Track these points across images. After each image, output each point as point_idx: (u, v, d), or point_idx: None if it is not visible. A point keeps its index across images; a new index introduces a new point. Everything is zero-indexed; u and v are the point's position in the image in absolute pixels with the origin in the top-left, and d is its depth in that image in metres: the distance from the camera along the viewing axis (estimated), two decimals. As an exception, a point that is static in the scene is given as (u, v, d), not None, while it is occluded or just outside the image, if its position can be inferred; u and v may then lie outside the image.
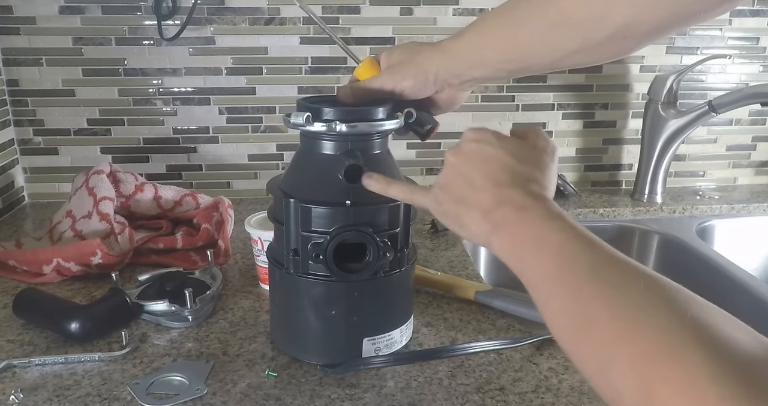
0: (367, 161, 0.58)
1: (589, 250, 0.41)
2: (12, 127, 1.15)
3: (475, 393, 0.61)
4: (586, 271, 0.40)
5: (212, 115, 1.18)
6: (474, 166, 0.49)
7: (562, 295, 0.40)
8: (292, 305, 0.64)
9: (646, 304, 0.36)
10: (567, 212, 0.60)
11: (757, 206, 1.21)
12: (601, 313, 0.37)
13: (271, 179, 0.65)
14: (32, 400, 0.59)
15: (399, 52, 0.63)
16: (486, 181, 0.48)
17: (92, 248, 0.82)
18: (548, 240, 0.43)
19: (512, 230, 0.45)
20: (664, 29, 0.51)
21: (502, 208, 0.46)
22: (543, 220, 0.44)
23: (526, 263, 0.43)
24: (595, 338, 0.36)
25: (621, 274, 0.39)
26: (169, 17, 1.10)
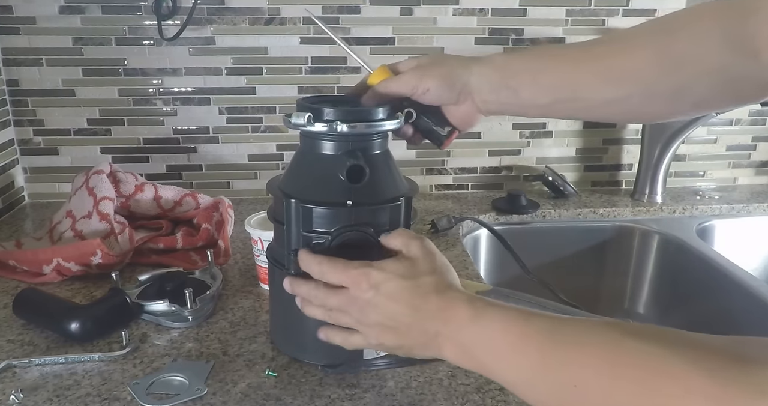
0: (367, 161, 0.58)
1: (530, 323, 0.43)
2: (12, 127, 1.15)
3: (475, 393, 0.61)
4: (542, 345, 0.42)
5: (212, 115, 1.18)
6: (382, 310, 0.50)
7: (538, 378, 0.41)
8: (292, 305, 0.63)
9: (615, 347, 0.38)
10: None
11: (757, 206, 1.21)
12: (580, 375, 0.38)
13: (270, 179, 0.65)
14: (32, 400, 0.59)
15: (429, 57, 0.63)
16: (404, 315, 0.49)
17: (92, 248, 0.82)
18: (490, 337, 0.45)
19: (454, 344, 0.47)
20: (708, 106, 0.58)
21: (436, 330, 0.48)
22: (473, 321, 0.46)
23: (485, 365, 0.45)
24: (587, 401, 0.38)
25: (572, 332, 0.41)
26: (169, 17, 1.10)
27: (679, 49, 0.53)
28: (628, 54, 0.56)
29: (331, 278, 0.53)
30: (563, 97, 0.58)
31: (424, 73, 0.60)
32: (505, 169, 1.27)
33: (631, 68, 0.55)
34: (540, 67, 0.59)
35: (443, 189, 1.27)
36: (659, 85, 0.54)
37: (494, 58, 0.61)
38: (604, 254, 1.17)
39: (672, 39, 0.53)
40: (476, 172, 1.27)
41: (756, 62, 0.49)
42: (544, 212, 1.16)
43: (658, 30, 0.55)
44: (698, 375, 0.33)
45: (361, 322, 0.52)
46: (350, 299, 0.51)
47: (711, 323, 0.99)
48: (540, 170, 1.26)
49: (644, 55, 0.54)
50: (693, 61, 0.52)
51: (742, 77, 0.51)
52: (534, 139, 1.25)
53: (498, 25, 1.17)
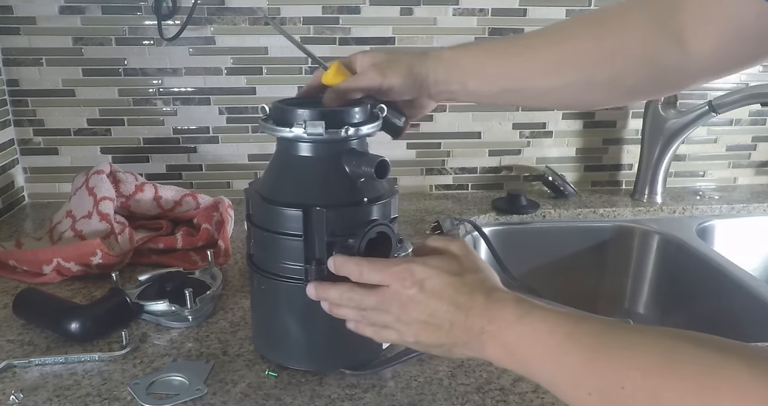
0: None
1: (579, 325, 0.43)
2: (12, 127, 1.15)
3: (475, 393, 0.61)
4: (590, 346, 0.41)
5: (212, 115, 1.18)
6: (425, 306, 0.49)
7: (583, 378, 0.40)
8: (275, 312, 0.62)
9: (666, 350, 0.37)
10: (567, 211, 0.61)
11: (757, 206, 1.21)
12: (629, 376, 0.38)
13: (249, 188, 0.62)
14: (32, 400, 0.59)
15: (383, 53, 0.63)
16: (448, 313, 0.48)
17: (92, 248, 0.82)
18: (536, 337, 0.44)
19: (498, 342, 0.46)
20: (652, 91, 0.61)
21: (481, 327, 0.47)
22: (520, 320, 0.45)
23: (529, 365, 0.45)
24: (634, 402, 0.37)
25: (622, 335, 0.41)
26: (169, 17, 1.10)
27: (612, 41, 0.56)
28: (565, 46, 0.59)
29: (372, 277, 0.51)
30: (508, 87, 0.62)
31: (386, 71, 0.61)
32: (505, 169, 1.27)
33: (568, 59, 0.59)
34: (486, 61, 0.62)
35: (443, 189, 1.27)
36: (595, 74, 0.58)
37: (444, 53, 0.63)
38: (604, 254, 1.17)
39: (605, 31, 0.57)
40: (476, 172, 1.27)
41: (684, 53, 0.53)
42: (544, 211, 1.16)
43: (592, 22, 0.59)
44: (752, 377, 0.33)
45: (401, 319, 0.50)
46: (391, 297, 0.50)
47: (711, 323, 0.99)
48: (540, 170, 1.26)
49: (581, 47, 0.58)
50: (625, 52, 0.56)
51: (672, 67, 0.54)
52: (534, 139, 1.25)
53: (498, 25, 1.17)
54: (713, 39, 0.51)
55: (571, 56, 0.59)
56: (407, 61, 0.62)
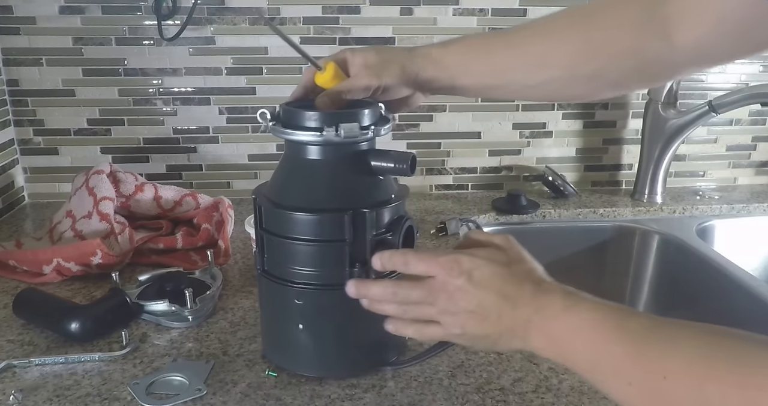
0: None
1: (627, 318, 0.43)
2: (12, 127, 1.15)
3: (475, 393, 0.61)
4: (636, 338, 0.41)
5: (212, 115, 1.18)
6: (473, 296, 0.49)
7: (625, 368, 0.41)
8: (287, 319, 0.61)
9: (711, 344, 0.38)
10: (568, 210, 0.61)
11: (757, 206, 1.21)
12: (672, 367, 0.38)
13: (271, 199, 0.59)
14: (32, 400, 0.59)
15: (374, 53, 0.62)
16: (495, 303, 0.48)
17: (92, 248, 0.82)
18: (583, 327, 0.44)
19: (543, 332, 0.46)
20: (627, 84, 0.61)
21: (528, 317, 0.47)
22: (567, 310, 0.45)
23: (572, 354, 0.45)
24: (674, 391, 0.38)
25: (668, 328, 0.41)
26: (169, 17, 1.10)
27: (598, 35, 0.57)
28: (549, 40, 0.60)
29: (418, 268, 0.51)
30: (493, 83, 0.63)
31: (380, 72, 0.61)
32: (505, 169, 1.27)
33: (553, 54, 0.59)
34: (470, 58, 0.63)
35: (443, 189, 1.27)
36: (580, 68, 0.58)
37: (432, 51, 0.63)
38: (604, 254, 1.17)
39: (591, 25, 0.57)
40: (476, 172, 1.27)
41: (669, 45, 0.53)
42: (544, 211, 1.16)
43: (578, 16, 0.59)
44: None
45: (447, 310, 0.50)
46: (438, 288, 0.50)
47: (711, 323, 0.99)
48: (540, 170, 1.26)
49: (565, 41, 0.58)
50: (611, 45, 0.56)
51: (657, 59, 0.55)
52: (534, 139, 1.25)
53: (498, 25, 1.16)
54: (698, 30, 0.52)
55: (556, 51, 0.59)
56: (400, 61, 0.62)
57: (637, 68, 0.57)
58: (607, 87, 0.61)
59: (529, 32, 0.62)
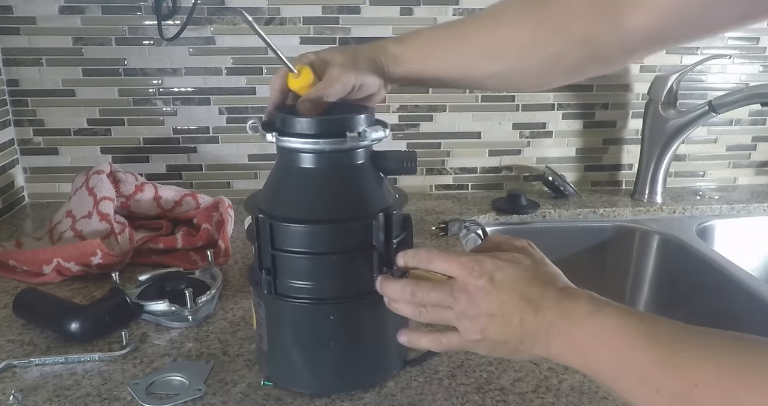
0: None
1: (653, 325, 0.42)
2: (12, 127, 1.15)
3: (475, 393, 0.61)
4: (663, 345, 0.40)
5: (212, 115, 1.18)
6: (495, 298, 0.47)
7: (652, 375, 0.40)
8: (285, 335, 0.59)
9: (741, 351, 0.37)
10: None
11: (757, 206, 1.21)
12: (703, 375, 0.37)
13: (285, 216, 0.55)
14: (32, 400, 0.59)
15: (339, 53, 0.61)
16: (518, 307, 0.47)
17: (92, 248, 0.82)
18: (608, 333, 0.43)
19: (567, 338, 0.45)
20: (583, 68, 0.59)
21: (551, 321, 0.45)
22: (592, 315, 0.44)
23: (596, 362, 0.43)
24: (707, 401, 0.37)
25: (695, 335, 0.40)
26: (169, 17, 1.10)
27: (548, 23, 0.56)
28: (500, 31, 0.59)
29: (441, 266, 0.50)
30: (450, 77, 0.63)
31: (356, 69, 0.59)
32: (505, 169, 1.27)
33: (504, 45, 0.59)
34: (426, 53, 0.62)
35: (443, 189, 1.27)
36: (533, 56, 0.58)
37: (391, 47, 0.62)
38: (604, 254, 1.17)
39: (541, 13, 0.57)
40: (476, 172, 1.27)
41: (621, 30, 0.53)
42: (544, 212, 1.16)
43: (527, 5, 0.58)
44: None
45: (467, 314, 0.48)
46: (458, 288, 0.48)
47: (711, 324, 0.98)
48: (540, 170, 1.26)
49: (516, 31, 0.58)
50: (562, 32, 0.56)
51: (609, 44, 0.55)
52: (534, 139, 1.25)
53: (498, 25, 1.16)
54: (650, 15, 0.51)
55: (506, 42, 0.59)
56: (368, 56, 0.61)
57: (589, 55, 0.57)
58: (563, 74, 0.61)
59: (481, 23, 0.62)
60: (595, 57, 0.57)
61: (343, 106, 0.59)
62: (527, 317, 0.46)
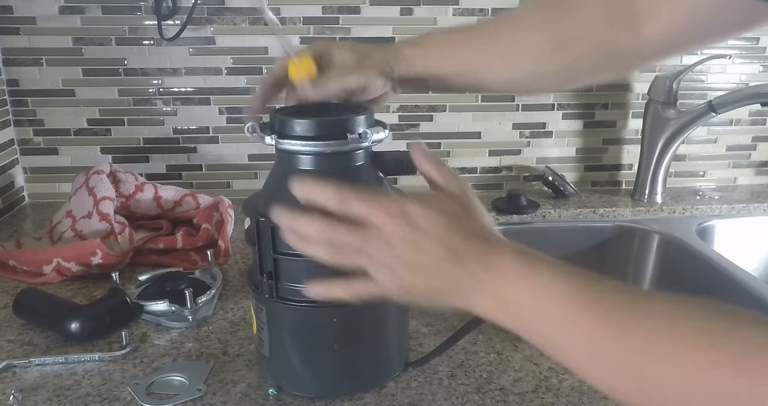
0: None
1: (582, 280, 0.41)
2: (12, 127, 1.15)
3: (475, 393, 0.61)
4: (597, 301, 0.39)
5: (212, 115, 1.18)
6: (416, 247, 0.43)
7: (587, 333, 0.38)
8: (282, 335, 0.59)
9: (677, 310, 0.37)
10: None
11: (757, 206, 1.21)
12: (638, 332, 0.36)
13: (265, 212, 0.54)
14: (32, 400, 0.59)
15: (351, 50, 0.60)
16: (438, 256, 0.43)
17: (92, 248, 0.82)
18: (544, 293, 0.40)
19: (492, 292, 0.42)
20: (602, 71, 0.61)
21: (472, 274, 0.43)
22: (525, 270, 0.42)
23: (527, 319, 0.41)
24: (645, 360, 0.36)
25: (631, 293, 0.39)
26: (169, 17, 1.10)
27: (567, 30, 0.57)
28: (519, 36, 0.60)
29: (357, 208, 0.45)
30: (463, 81, 0.63)
31: (363, 70, 0.58)
32: (505, 169, 1.27)
33: (522, 50, 0.60)
34: (442, 57, 0.62)
35: (443, 189, 1.27)
36: (549, 63, 0.59)
37: (406, 50, 0.61)
38: (604, 254, 1.17)
39: (560, 21, 0.58)
40: (476, 172, 1.27)
41: (638, 37, 0.54)
42: (544, 211, 1.16)
43: (547, 12, 0.59)
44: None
45: (383, 262, 0.44)
46: (377, 236, 0.44)
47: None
48: (540, 170, 1.26)
49: (535, 37, 0.59)
50: (581, 40, 0.57)
51: (625, 51, 0.56)
52: (534, 139, 1.25)
53: (498, 25, 1.16)
54: (668, 22, 0.53)
55: (525, 48, 0.60)
56: (378, 58, 0.59)
57: (606, 61, 0.58)
58: (577, 79, 0.62)
59: (499, 28, 0.62)
60: (610, 63, 0.59)
61: (342, 106, 0.59)
62: (448, 267, 0.43)
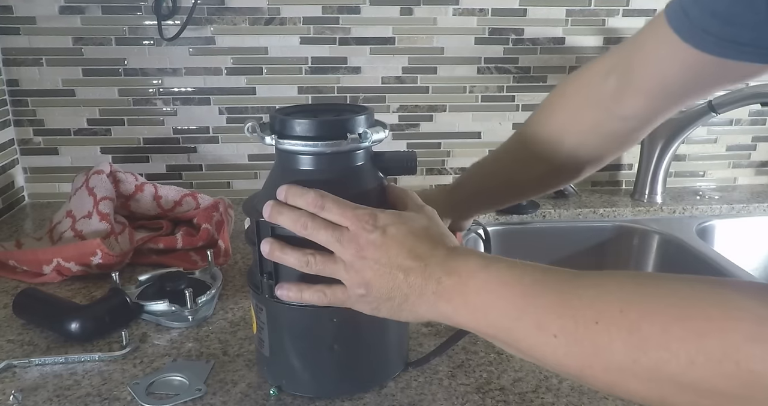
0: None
1: (547, 272, 0.42)
2: (12, 127, 1.15)
3: (475, 393, 0.61)
4: (559, 289, 0.40)
5: (212, 115, 1.18)
6: (384, 252, 0.46)
7: (550, 319, 0.39)
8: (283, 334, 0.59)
9: (641, 287, 0.37)
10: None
11: (757, 206, 1.21)
12: (603, 312, 0.37)
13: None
14: (32, 400, 0.59)
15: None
16: (405, 262, 0.45)
17: (92, 248, 0.82)
18: (500, 284, 0.42)
19: (455, 295, 0.44)
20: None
21: (438, 278, 0.45)
22: (483, 270, 0.44)
23: (487, 314, 0.43)
24: (609, 335, 0.36)
25: (592, 278, 0.40)
26: (169, 17, 1.10)
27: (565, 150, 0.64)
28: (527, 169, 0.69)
29: (333, 213, 0.48)
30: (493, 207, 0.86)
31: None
32: (505, 169, 1.27)
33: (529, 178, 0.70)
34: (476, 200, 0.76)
35: (443, 189, 1.27)
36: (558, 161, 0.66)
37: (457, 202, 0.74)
38: (604, 254, 1.17)
39: (559, 146, 0.64)
40: (476, 172, 1.26)
41: (620, 117, 0.60)
42: (544, 211, 1.16)
43: (547, 142, 0.65)
44: (742, 298, 0.32)
45: (353, 266, 0.46)
46: (348, 239, 0.46)
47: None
48: (540, 170, 1.25)
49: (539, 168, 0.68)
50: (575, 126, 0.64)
51: (615, 131, 0.62)
52: (534, 139, 1.25)
53: (498, 25, 1.17)
54: (638, 100, 0.58)
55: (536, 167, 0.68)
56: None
57: (603, 142, 0.64)
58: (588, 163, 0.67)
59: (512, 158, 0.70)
60: (609, 143, 0.64)
61: (340, 106, 0.59)
62: (413, 274, 0.45)
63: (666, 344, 0.33)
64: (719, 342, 0.32)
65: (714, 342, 0.32)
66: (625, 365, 0.35)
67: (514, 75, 1.21)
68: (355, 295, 0.48)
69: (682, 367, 0.33)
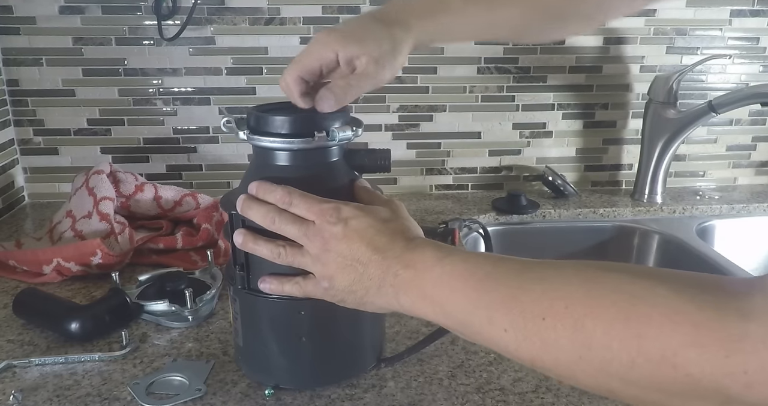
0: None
1: (499, 264, 0.42)
2: (12, 127, 1.15)
3: (475, 393, 0.61)
4: (509, 284, 0.41)
5: (212, 115, 1.18)
6: (346, 245, 0.47)
7: (500, 314, 0.40)
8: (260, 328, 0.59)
9: (588, 283, 0.37)
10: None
11: (757, 206, 1.21)
12: (550, 308, 0.37)
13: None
14: (32, 400, 0.59)
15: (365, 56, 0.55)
16: (364, 255, 0.47)
17: (92, 248, 0.82)
18: (454, 277, 0.43)
19: (413, 287, 0.45)
20: None
21: (395, 271, 0.46)
22: (439, 263, 0.44)
23: (444, 306, 0.44)
24: (555, 332, 0.37)
25: (542, 270, 0.40)
26: (169, 17, 1.10)
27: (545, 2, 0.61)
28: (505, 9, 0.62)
29: (300, 207, 0.50)
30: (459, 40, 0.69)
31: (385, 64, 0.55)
32: (505, 169, 1.27)
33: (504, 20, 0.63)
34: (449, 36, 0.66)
35: (443, 189, 1.27)
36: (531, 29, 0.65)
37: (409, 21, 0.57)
38: (604, 254, 1.17)
39: None
40: (476, 172, 1.27)
41: None
42: (544, 212, 1.16)
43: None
44: (682, 303, 0.32)
45: (319, 259, 0.48)
46: (313, 232, 0.48)
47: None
48: (540, 170, 1.26)
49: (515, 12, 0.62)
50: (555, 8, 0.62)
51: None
52: (534, 139, 1.25)
53: (498, 25, 1.16)
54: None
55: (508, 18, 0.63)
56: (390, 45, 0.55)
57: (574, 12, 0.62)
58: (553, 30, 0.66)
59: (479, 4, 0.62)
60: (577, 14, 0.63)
61: None
62: (372, 266, 0.46)
63: (608, 344, 0.34)
64: (658, 345, 0.32)
65: (652, 344, 0.33)
66: (572, 361, 0.36)
67: (514, 75, 1.21)
68: (322, 287, 0.50)
69: (625, 366, 0.34)
